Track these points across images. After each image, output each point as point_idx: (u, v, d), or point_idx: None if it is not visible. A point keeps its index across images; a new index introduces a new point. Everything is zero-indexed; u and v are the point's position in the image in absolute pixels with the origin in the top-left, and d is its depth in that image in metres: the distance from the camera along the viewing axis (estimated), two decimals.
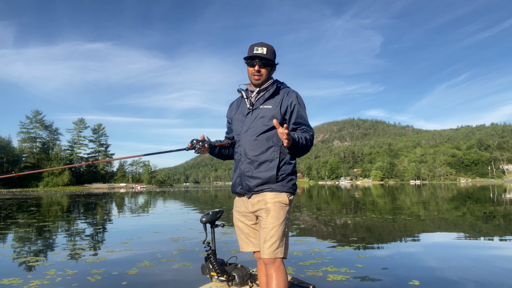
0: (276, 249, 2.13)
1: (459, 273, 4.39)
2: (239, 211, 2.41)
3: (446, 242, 6.72)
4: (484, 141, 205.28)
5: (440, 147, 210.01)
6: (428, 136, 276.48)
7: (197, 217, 12.04)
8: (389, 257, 5.24)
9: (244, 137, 2.33)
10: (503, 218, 10.63)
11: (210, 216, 2.96)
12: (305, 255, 5.40)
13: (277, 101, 2.30)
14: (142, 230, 9.00)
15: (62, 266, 5.01)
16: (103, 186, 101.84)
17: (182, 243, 6.75)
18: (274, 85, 2.35)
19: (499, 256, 5.40)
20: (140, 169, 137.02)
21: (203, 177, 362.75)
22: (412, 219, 10.53)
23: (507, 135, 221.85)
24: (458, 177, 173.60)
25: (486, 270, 4.52)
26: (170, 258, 5.40)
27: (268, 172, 2.22)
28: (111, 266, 4.97)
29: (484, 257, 5.32)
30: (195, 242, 6.78)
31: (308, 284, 3.11)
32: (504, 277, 4.19)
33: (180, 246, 6.36)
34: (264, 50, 2.28)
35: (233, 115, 2.51)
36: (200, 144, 2.34)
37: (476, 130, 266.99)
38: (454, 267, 4.68)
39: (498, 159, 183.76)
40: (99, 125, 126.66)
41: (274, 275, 2.12)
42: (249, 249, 2.36)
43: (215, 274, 3.03)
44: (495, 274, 4.34)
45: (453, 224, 9.33)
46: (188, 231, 8.49)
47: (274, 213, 2.18)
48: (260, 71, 2.29)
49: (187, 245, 6.51)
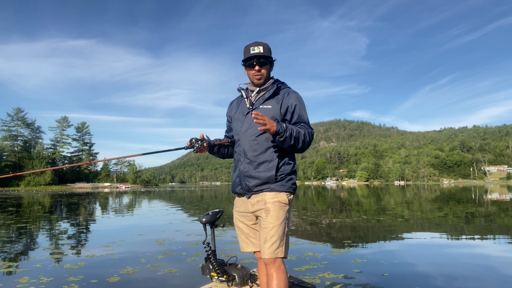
0: (277, 249, 2.12)
1: (461, 284, 4.17)
2: (239, 211, 2.39)
3: (440, 243, 6.53)
4: (466, 143, 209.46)
5: (423, 149, 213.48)
6: (412, 137, 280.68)
7: (183, 218, 11.67)
8: (387, 262, 4.99)
9: (244, 137, 2.30)
10: (484, 219, 10.92)
11: (210, 216, 2.95)
12: (300, 259, 5.11)
13: (277, 101, 2.28)
14: (125, 232, 8.59)
15: (37, 272, 4.61)
16: (86, 185, 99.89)
17: (167, 246, 6.39)
18: (274, 85, 2.32)
19: (488, 255, 5.23)
20: (125, 169, 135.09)
21: (189, 177, 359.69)
22: (403, 220, 10.39)
23: (488, 137, 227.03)
24: (441, 178, 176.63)
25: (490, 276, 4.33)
26: (155, 263, 5.05)
27: (267, 172, 2.20)
28: (91, 272, 4.59)
29: (487, 260, 5.14)
30: (181, 245, 6.43)
31: (308, 284, 3.09)
32: (489, 275, 4.00)
33: (165, 250, 6.00)
34: (261, 48, 2.26)
35: (233, 114, 2.48)
36: (199, 143, 2.30)
37: (458, 132, 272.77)
38: (453, 274, 4.47)
39: (480, 161, 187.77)
40: (83, 124, 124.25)
41: (275, 275, 2.10)
42: (249, 249, 2.35)
43: (215, 274, 3.01)
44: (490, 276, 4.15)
45: (443, 225, 9.20)
46: (174, 233, 8.13)
47: (274, 213, 2.16)
48: (260, 70, 2.27)
49: (173, 248, 6.15)
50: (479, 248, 6.24)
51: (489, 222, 9.66)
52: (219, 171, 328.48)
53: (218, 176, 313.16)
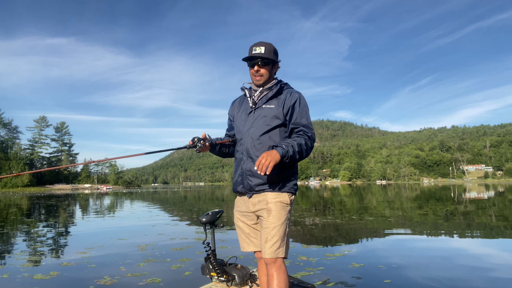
0: (278, 248, 2.12)
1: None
2: (240, 210, 2.39)
3: (435, 244, 6.31)
4: (446, 142, 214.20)
5: (404, 148, 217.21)
6: (393, 137, 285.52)
7: (166, 220, 11.18)
8: (387, 267, 4.70)
9: (247, 136, 2.30)
10: (463, 216, 11.17)
11: (210, 216, 2.94)
12: (293, 265, 4.76)
13: (280, 101, 2.28)
14: (104, 236, 8.08)
15: (2, 285, 4.13)
16: (66, 187, 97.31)
17: (150, 251, 5.95)
18: (278, 85, 2.33)
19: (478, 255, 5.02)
20: (106, 170, 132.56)
21: (172, 178, 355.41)
22: (391, 221, 10.20)
23: (466, 137, 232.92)
24: (421, 177, 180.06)
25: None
26: (136, 271, 4.61)
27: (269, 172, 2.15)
28: (64, 284, 4.14)
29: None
30: (165, 251, 6.00)
31: (308, 284, 3.11)
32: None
33: (148, 256, 5.56)
34: (262, 49, 2.26)
35: (235, 113, 2.48)
36: (202, 143, 2.29)
37: (438, 132, 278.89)
38: (456, 276, 4.21)
39: (458, 160, 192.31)
40: (62, 123, 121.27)
41: (275, 275, 2.11)
42: (250, 249, 2.35)
43: (215, 274, 3.01)
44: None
45: (430, 224, 9.04)
46: (158, 237, 7.67)
47: (276, 213, 2.17)
48: (259, 71, 2.28)
49: (156, 254, 5.71)
50: (478, 249, 6.04)
51: (469, 220, 9.57)
52: (202, 171, 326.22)
53: (202, 177, 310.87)
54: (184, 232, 8.44)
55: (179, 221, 10.93)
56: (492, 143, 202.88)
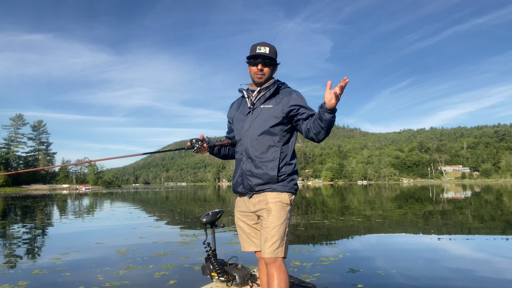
0: (277, 248, 2.13)
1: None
2: (240, 211, 2.41)
3: (428, 245, 6.12)
4: (424, 144, 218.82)
5: (385, 149, 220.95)
6: (374, 138, 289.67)
7: (148, 222, 10.69)
8: (385, 272, 4.43)
9: (246, 136, 2.33)
10: (441, 216, 11.33)
11: (210, 216, 2.95)
12: (288, 271, 4.44)
13: (277, 101, 2.31)
14: (81, 239, 7.57)
15: None
16: (43, 187, 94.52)
17: (131, 257, 5.52)
18: (275, 84, 2.36)
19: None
20: (85, 169, 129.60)
21: (154, 178, 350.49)
22: (379, 221, 10.04)
23: (444, 139, 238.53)
24: (401, 178, 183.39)
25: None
26: (115, 280, 4.20)
27: (269, 171, 2.23)
28: None
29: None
30: (147, 256, 5.59)
31: (308, 283, 3.13)
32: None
33: (128, 263, 5.14)
34: (267, 49, 2.30)
35: (234, 114, 2.51)
36: (199, 144, 2.34)
37: (417, 133, 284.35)
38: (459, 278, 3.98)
39: (436, 161, 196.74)
40: (40, 122, 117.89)
41: (276, 275, 2.11)
42: (250, 248, 2.37)
43: (216, 274, 3.01)
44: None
45: (415, 224, 8.91)
46: (139, 240, 7.23)
47: (275, 212, 2.18)
48: (262, 70, 2.31)
49: (138, 261, 5.29)
50: (474, 251, 5.87)
51: (446, 219, 9.51)
52: (184, 171, 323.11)
53: (184, 177, 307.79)
54: (167, 235, 8.02)
55: (162, 223, 10.47)
56: (469, 145, 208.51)
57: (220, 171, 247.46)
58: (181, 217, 12.50)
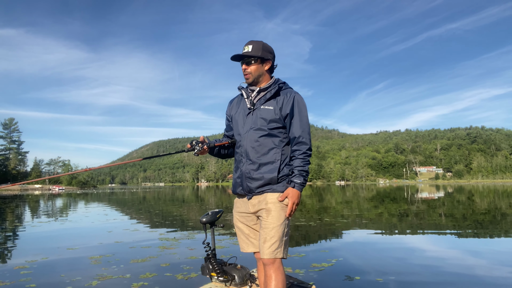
0: (276, 249, 2.11)
1: None
2: (239, 212, 2.39)
3: (421, 247, 5.91)
4: (400, 145, 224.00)
5: (362, 150, 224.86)
6: (351, 139, 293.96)
7: (124, 225, 10.12)
8: (385, 279, 4.12)
9: (245, 137, 2.30)
10: (415, 216, 11.62)
11: (210, 216, 2.96)
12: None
13: (278, 103, 2.27)
14: (51, 244, 6.97)
15: None
16: (14, 187, 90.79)
17: (105, 265, 5.03)
18: (276, 85, 2.31)
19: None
20: (58, 169, 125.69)
21: (131, 178, 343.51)
22: (367, 221, 9.85)
23: (419, 140, 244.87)
24: (378, 178, 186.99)
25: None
26: None
27: (269, 173, 2.21)
28: None
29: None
30: (124, 263, 5.11)
31: (307, 284, 3.12)
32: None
33: (102, 271, 4.65)
34: (250, 47, 2.26)
35: (233, 113, 2.47)
36: (200, 146, 2.32)
37: (393, 135, 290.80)
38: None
39: (411, 162, 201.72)
40: (11, 120, 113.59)
41: (274, 276, 2.10)
42: (249, 249, 2.34)
43: (215, 274, 3.01)
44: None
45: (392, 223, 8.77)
46: (114, 245, 6.72)
47: (275, 213, 2.16)
48: (246, 69, 2.28)
49: (113, 269, 4.80)
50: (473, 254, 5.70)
51: (420, 219, 9.45)
52: (162, 171, 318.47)
53: (162, 177, 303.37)
54: (145, 238, 7.52)
55: (139, 225, 9.93)
56: (442, 146, 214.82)
57: (199, 171, 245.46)
58: (160, 218, 11.97)
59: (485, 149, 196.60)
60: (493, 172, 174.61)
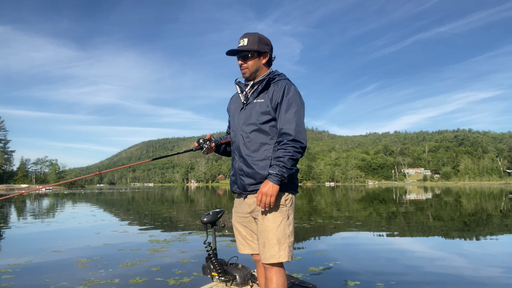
0: (277, 253, 2.01)
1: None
2: (237, 211, 2.31)
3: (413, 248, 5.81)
4: (389, 147, 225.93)
5: (351, 152, 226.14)
6: (341, 141, 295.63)
7: (113, 226, 9.85)
8: (385, 284, 4.00)
9: (238, 133, 2.23)
10: (403, 217, 11.73)
11: (211, 216, 2.92)
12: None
13: (268, 95, 2.17)
14: (36, 247, 6.69)
15: None
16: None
17: (93, 269, 4.81)
18: (267, 77, 2.20)
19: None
20: (45, 169, 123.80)
21: (120, 178, 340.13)
22: (359, 223, 9.76)
23: (408, 142, 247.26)
24: (367, 180, 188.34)
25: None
26: None
27: (261, 171, 2.09)
28: None
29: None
30: (113, 267, 4.89)
31: (309, 284, 3.09)
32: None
33: (90, 277, 4.43)
34: (245, 41, 2.17)
35: (231, 110, 2.41)
36: (208, 144, 2.28)
37: (382, 137, 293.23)
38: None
39: (400, 164, 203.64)
40: None
41: (274, 279, 2.03)
42: (246, 251, 2.26)
43: (216, 274, 2.98)
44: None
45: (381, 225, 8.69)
46: (102, 248, 6.47)
47: (270, 215, 2.07)
48: (243, 64, 2.19)
49: (101, 273, 4.57)
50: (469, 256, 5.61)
51: (408, 219, 9.40)
52: (152, 172, 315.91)
53: (151, 177, 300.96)
54: (134, 240, 7.29)
55: (128, 227, 9.67)
56: (431, 148, 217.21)
57: (189, 172, 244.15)
58: (150, 220, 11.71)
59: (472, 152, 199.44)
60: (479, 174, 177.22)
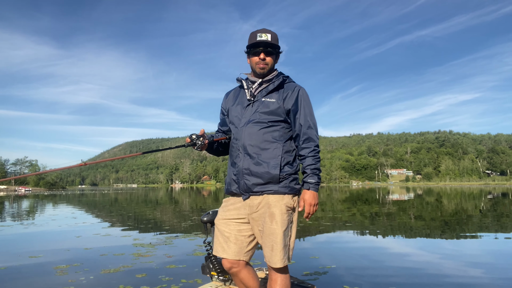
0: (284, 256, 2.01)
1: None
2: (225, 211, 2.17)
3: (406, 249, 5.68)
4: (372, 148, 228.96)
5: (336, 153, 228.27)
6: (326, 142, 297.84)
7: (94, 229, 9.43)
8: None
9: (244, 130, 2.13)
10: (386, 217, 11.88)
11: (211, 215, 2.90)
12: None
13: (281, 96, 2.15)
14: (11, 251, 6.27)
15: None
16: None
17: (73, 276, 4.47)
18: (279, 77, 2.19)
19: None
20: (25, 169, 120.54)
21: (102, 179, 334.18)
22: (350, 224, 9.63)
23: (390, 143, 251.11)
24: (351, 180, 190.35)
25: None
26: None
27: (270, 170, 2.03)
28: None
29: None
30: (94, 274, 4.56)
31: (308, 284, 3.10)
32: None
33: (69, 284, 4.09)
34: (269, 36, 2.12)
35: (230, 106, 2.29)
36: (201, 140, 2.12)
37: (365, 138, 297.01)
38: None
39: (383, 165, 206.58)
40: None
41: (279, 280, 2.03)
42: (223, 255, 2.09)
43: (216, 273, 2.97)
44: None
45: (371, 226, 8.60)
46: (83, 253, 6.11)
47: (279, 218, 2.02)
48: (265, 59, 2.13)
49: (81, 281, 4.23)
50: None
51: (391, 219, 9.36)
52: (135, 172, 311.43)
53: (135, 178, 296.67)
54: (117, 244, 6.94)
55: (111, 230, 9.27)
56: (413, 149, 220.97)
57: (173, 173, 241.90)
58: (134, 222, 11.32)
59: (452, 153, 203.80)
60: (460, 175, 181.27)
